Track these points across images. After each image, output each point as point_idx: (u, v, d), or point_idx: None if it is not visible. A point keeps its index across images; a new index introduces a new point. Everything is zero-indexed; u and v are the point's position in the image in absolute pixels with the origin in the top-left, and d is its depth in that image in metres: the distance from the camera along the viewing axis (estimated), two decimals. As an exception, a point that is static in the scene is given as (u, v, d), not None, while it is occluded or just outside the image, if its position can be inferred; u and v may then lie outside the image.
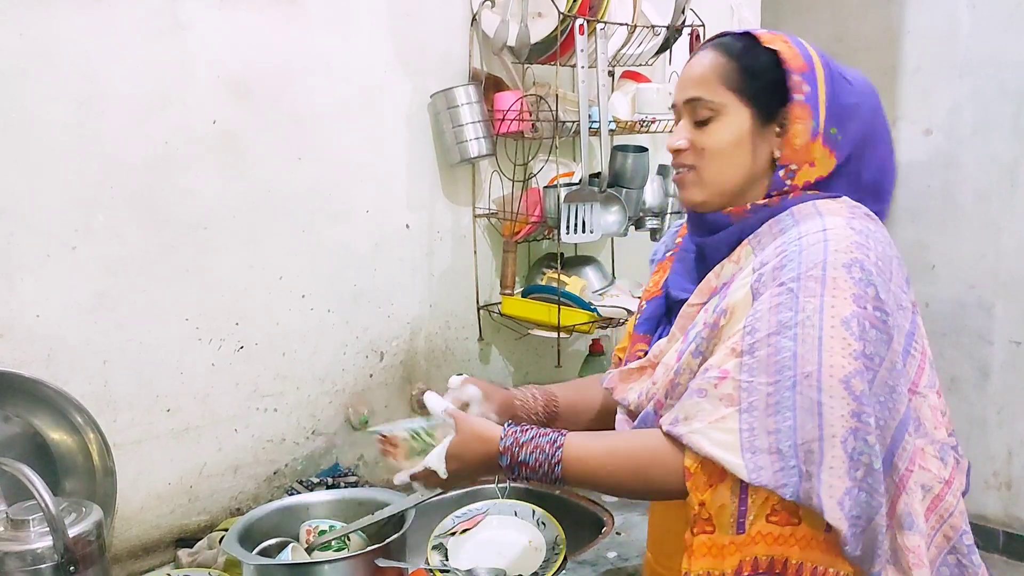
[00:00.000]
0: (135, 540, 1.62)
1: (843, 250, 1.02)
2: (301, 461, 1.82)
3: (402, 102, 1.89)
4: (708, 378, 1.05)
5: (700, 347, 1.10)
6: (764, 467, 0.99)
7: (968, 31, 2.93)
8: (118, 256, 1.55)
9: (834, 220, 1.05)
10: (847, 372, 0.99)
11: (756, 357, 1.02)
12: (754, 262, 1.08)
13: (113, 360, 1.56)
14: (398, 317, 1.94)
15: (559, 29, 1.80)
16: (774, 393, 1.00)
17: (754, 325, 1.03)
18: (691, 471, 1.03)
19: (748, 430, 1.00)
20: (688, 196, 1.18)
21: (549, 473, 1.11)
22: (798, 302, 1.01)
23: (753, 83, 1.11)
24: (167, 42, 1.57)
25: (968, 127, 2.95)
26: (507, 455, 1.13)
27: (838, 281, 1.01)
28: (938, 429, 1.10)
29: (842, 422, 0.98)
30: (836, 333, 0.99)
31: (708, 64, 1.13)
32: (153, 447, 1.63)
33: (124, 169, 1.55)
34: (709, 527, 1.03)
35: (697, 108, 1.13)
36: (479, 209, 2.02)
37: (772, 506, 1.01)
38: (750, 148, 1.12)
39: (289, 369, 1.79)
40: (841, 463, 0.98)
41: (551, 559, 1.43)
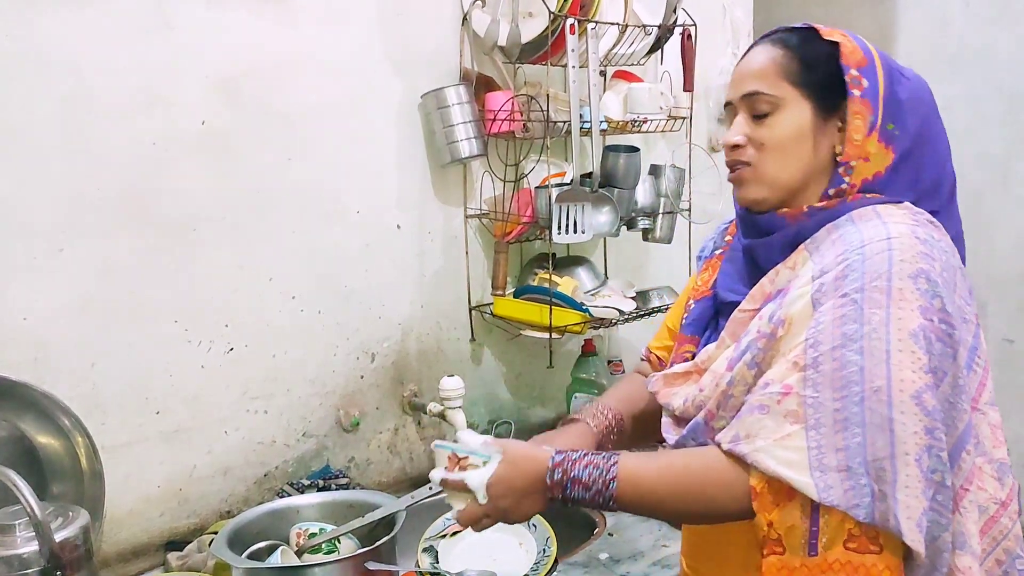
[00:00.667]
0: (124, 543, 1.62)
1: (909, 260, 0.98)
2: (292, 463, 1.82)
3: (392, 102, 1.88)
4: (770, 393, 1.01)
5: (756, 358, 1.05)
6: (834, 486, 0.95)
7: (960, 28, 2.92)
8: (106, 257, 1.54)
9: (898, 228, 1.01)
10: (918, 387, 0.95)
11: (821, 371, 0.98)
12: (812, 270, 1.04)
13: (101, 362, 1.56)
14: (389, 318, 1.93)
15: (550, 29, 1.79)
16: (841, 409, 0.96)
17: (817, 338, 0.99)
18: (757, 491, 0.99)
19: (816, 448, 0.97)
20: (745, 194, 1.13)
21: (603, 490, 1.04)
22: (863, 314, 0.97)
23: (813, 76, 1.08)
24: (155, 41, 1.56)
25: (960, 124, 2.92)
26: (559, 469, 1.06)
27: (904, 292, 0.97)
28: (997, 448, 1.06)
29: (915, 439, 0.95)
30: (904, 346, 0.96)
31: (766, 58, 1.10)
32: (142, 450, 1.62)
33: (112, 169, 1.54)
34: (779, 548, 0.99)
35: (756, 102, 1.09)
36: (470, 209, 2.01)
37: (848, 530, 0.96)
38: (811, 143, 1.09)
39: (279, 371, 1.78)
40: (917, 482, 0.94)
41: (541, 561, 1.43)
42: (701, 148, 2.23)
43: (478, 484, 1.09)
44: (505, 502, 1.08)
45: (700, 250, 1.35)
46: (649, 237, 2.13)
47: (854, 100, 1.06)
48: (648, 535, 1.69)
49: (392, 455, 1.97)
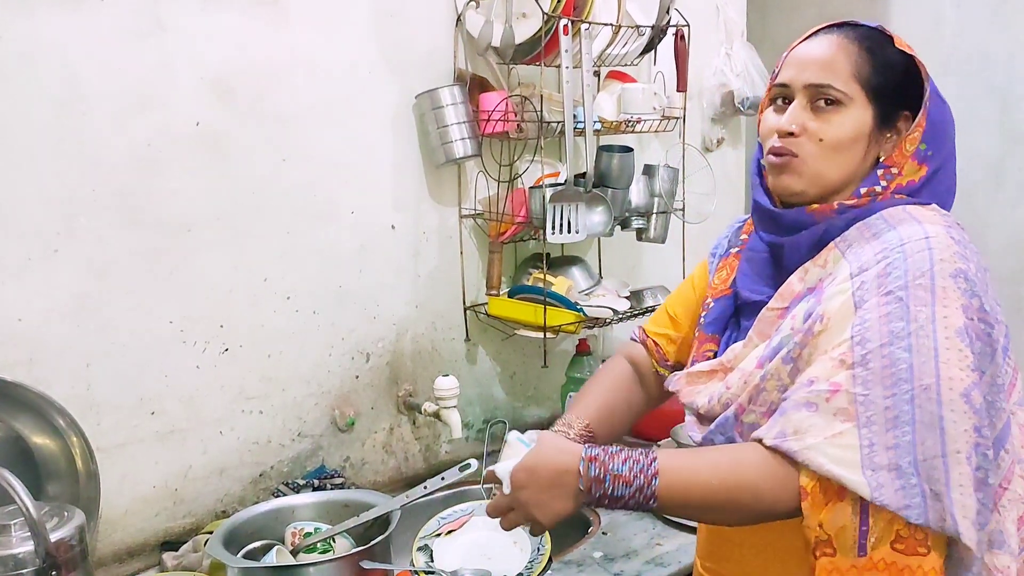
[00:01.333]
0: (119, 543, 1.62)
1: (948, 259, 0.98)
2: (287, 463, 1.82)
3: (387, 102, 1.89)
4: (817, 391, 0.99)
5: (791, 352, 1.04)
6: (885, 485, 0.94)
7: (953, 29, 2.93)
8: (101, 258, 1.55)
9: (934, 228, 1.01)
10: (966, 385, 0.95)
11: (870, 369, 0.97)
12: (850, 267, 1.03)
13: (96, 363, 1.56)
14: (384, 318, 1.94)
15: (543, 29, 1.80)
16: (892, 407, 0.96)
17: (864, 335, 0.98)
18: (808, 490, 0.97)
19: (868, 446, 0.95)
20: (787, 184, 1.10)
21: (645, 487, 1.00)
22: (909, 312, 0.97)
23: (884, 83, 1.07)
24: (148, 44, 1.57)
25: (954, 124, 2.96)
26: (595, 464, 1.02)
27: (947, 291, 0.97)
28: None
29: (965, 437, 0.94)
30: (951, 344, 0.96)
31: (840, 51, 1.07)
32: (137, 450, 1.62)
33: (106, 171, 1.54)
34: (829, 549, 0.98)
35: (821, 93, 1.07)
36: (465, 210, 2.02)
37: (897, 531, 0.96)
38: (864, 148, 1.08)
39: (274, 371, 1.78)
40: (969, 481, 0.94)
41: (536, 559, 1.43)
42: (695, 148, 2.23)
43: (504, 472, 1.08)
44: (526, 493, 1.05)
45: (714, 247, 1.33)
46: (643, 237, 2.14)
47: (924, 115, 1.07)
48: (642, 534, 1.70)
49: (387, 455, 1.98)
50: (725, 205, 2.38)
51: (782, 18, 3.14)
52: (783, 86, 1.12)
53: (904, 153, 1.07)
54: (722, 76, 2.46)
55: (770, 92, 1.16)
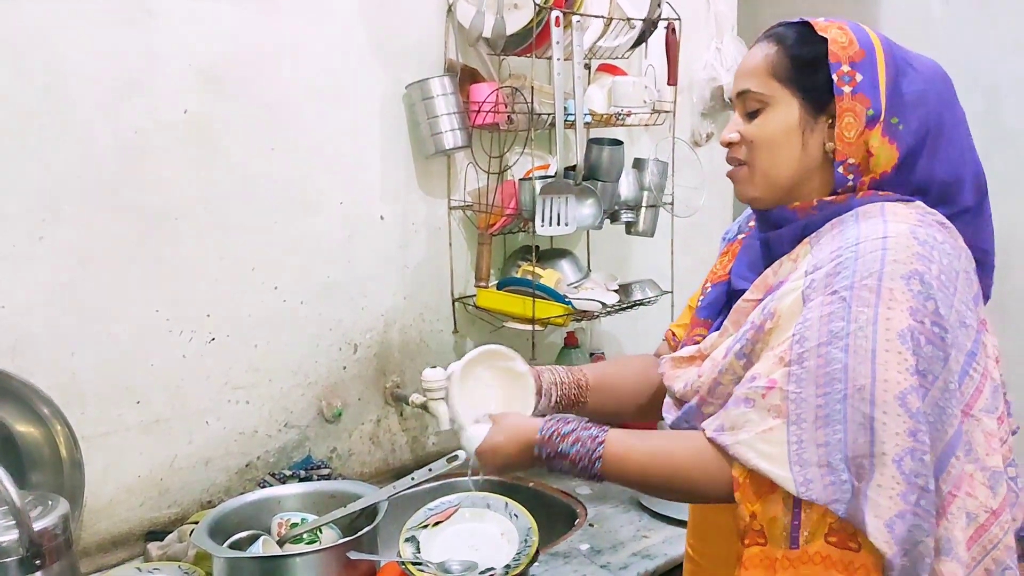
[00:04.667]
0: (104, 533, 1.61)
1: (902, 261, 0.98)
2: (273, 453, 1.81)
3: (376, 92, 1.88)
4: (755, 387, 1.02)
5: (744, 348, 1.07)
6: (814, 480, 0.96)
7: (940, 25, 2.94)
8: (86, 246, 1.53)
9: (897, 227, 1.01)
10: (903, 388, 0.95)
11: (805, 368, 0.98)
12: (807, 264, 1.04)
13: (81, 352, 1.54)
14: (372, 309, 1.93)
15: (535, 21, 1.79)
16: (824, 405, 0.97)
17: (804, 334, 0.99)
18: (739, 482, 1.01)
19: (796, 442, 0.97)
20: (741, 192, 1.16)
21: (589, 467, 1.11)
22: (850, 312, 0.97)
23: (802, 74, 1.08)
24: (135, 29, 1.55)
25: (941, 122, 2.97)
26: (546, 446, 1.13)
27: (895, 292, 0.97)
28: (991, 456, 1.04)
29: (896, 440, 0.94)
30: (891, 347, 0.95)
31: (760, 56, 1.12)
32: (122, 439, 1.61)
33: (92, 158, 1.52)
34: (761, 539, 1.00)
35: (747, 100, 1.12)
36: (454, 201, 2.01)
37: (830, 524, 0.97)
38: (799, 140, 1.09)
39: (261, 361, 1.77)
40: (894, 483, 0.94)
41: (523, 551, 1.43)
42: (684, 142, 2.23)
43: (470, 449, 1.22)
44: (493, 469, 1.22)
45: (725, 232, 1.35)
46: (632, 230, 2.14)
47: (843, 98, 1.05)
48: (629, 526, 1.70)
49: (374, 446, 1.97)
50: (714, 199, 2.38)
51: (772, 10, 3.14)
52: (731, 101, 1.20)
53: (845, 140, 1.06)
54: (712, 70, 2.46)
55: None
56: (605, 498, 1.81)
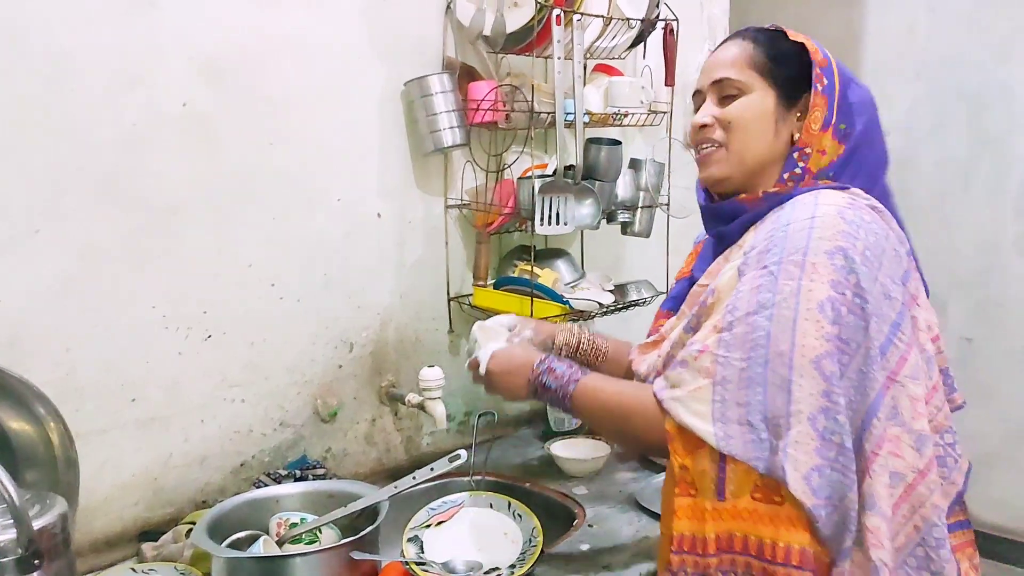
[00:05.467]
0: (98, 533, 1.58)
1: (827, 238, 1.08)
2: (268, 452, 1.79)
3: (375, 88, 1.86)
4: (691, 351, 1.13)
5: (691, 323, 1.19)
6: (734, 436, 1.06)
7: (926, 33, 2.99)
8: (84, 240, 1.50)
9: (826, 209, 1.11)
10: (818, 353, 1.04)
11: (733, 333, 1.09)
12: (746, 246, 1.15)
13: (77, 347, 1.51)
14: (368, 307, 1.91)
15: (536, 19, 1.79)
16: (747, 368, 1.07)
17: (735, 304, 1.10)
18: (672, 434, 1.12)
19: (720, 401, 1.08)
20: (712, 172, 1.25)
21: (565, 385, 1.25)
22: (777, 284, 1.07)
23: (779, 68, 1.20)
24: (136, 20, 1.52)
25: (925, 127, 3.01)
26: (545, 361, 1.30)
27: (817, 267, 1.06)
28: (916, 419, 1.12)
29: (810, 400, 1.04)
30: (811, 316, 1.05)
31: (737, 50, 1.23)
32: (118, 437, 1.58)
33: (91, 150, 1.49)
34: (692, 490, 1.10)
35: (724, 87, 1.22)
36: (450, 199, 2.00)
37: (754, 482, 1.07)
38: (773, 126, 1.21)
39: (258, 359, 1.75)
40: (809, 439, 1.04)
41: (528, 551, 1.43)
42: (680, 143, 2.24)
43: (484, 356, 1.37)
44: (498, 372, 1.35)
45: (698, 236, 1.46)
46: (628, 231, 2.14)
47: (816, 94, 1.17)
48: (628, 526, 1.70)
49: (369, 446, 1.95)
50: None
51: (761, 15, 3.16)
52: (698, 93, 1.29)
53: (811, 131, 1.17)
54: (705, 72, 2.46)
55: (693, 104, 1.32)
56: (603, 498, 1.81)
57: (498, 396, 1.41)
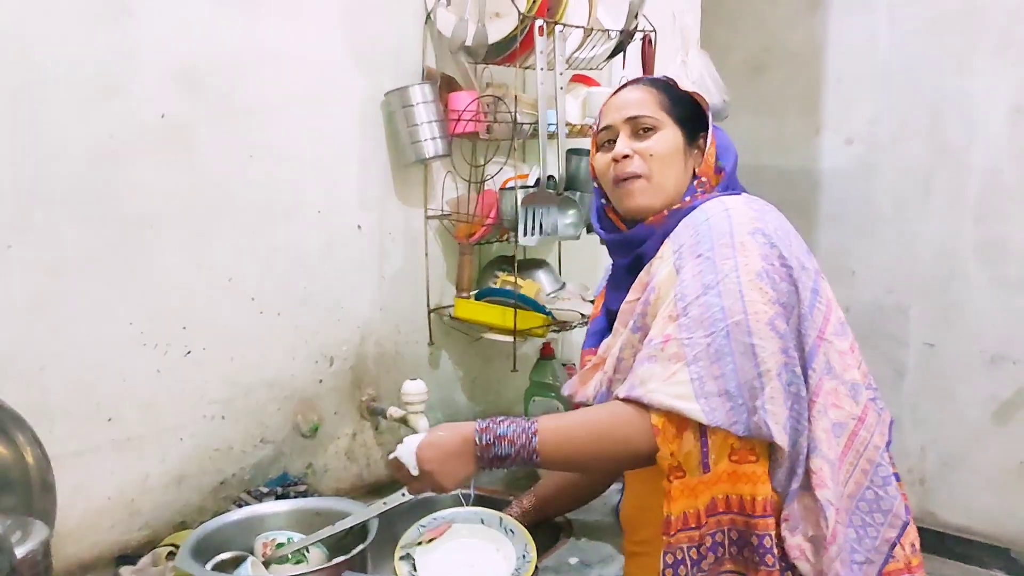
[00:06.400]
0: (72, 558, 1.52)
1: (745, 222, 1.21)
2: (248, 470, 1.75)
3: (355, 99, 1.84)
4: (655, 345, 1.19)
5: (637, 323, 1.26)
6: (717, 408, 1.13)
7: (887, 43, 3.04)
8: (57, 255, 1.45)
9: (734, 202, 1.26)
10: (769, 315, 1.16)
11: (690, 316, 1.17)
12: (673, 247, 1.25)
13: (51, 366, 1.46)
14: (348, 321, 1.88)
15: (519, 29, 1.78)
16: (712, 343, 1.15)
17: (683, 292, 1.19)
18: (659, 427, 1.15)
19: (697, 379, 1.14)
20: (638, 202, 1.34)
21: (527, 444, 1.20)
22: (715, 265, 1.18)
23: (682, 111, 1.36)
24: (112, 28, 1.48)
25: (887, 136, 3.07)
26: (486, 433, 1.22)
27: (746, 244, 1.19)
28: (847, 371, 1.23)
29: (774, 358, 1.15)
30: (753, 285, 1.16)
31: (644, 93, 1.38)
32: (93, 459, 1.53)
33: (64, 162, 1.45)
34: (680, 472, 1.16)
35: (639, 123, 1.34)
36: (431, 210, 1.98)
37: (731, 445, 1.15)
38: (683, 160, 1.35)
39: (237, 375, 1.71)
40: (779, 393, 1.14)
41: (522, 567, 1.41)
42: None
43: (408, 455, 1.24)
44: (433, 465, 1.23)
45: (595, 292, 1.61)
46: (606, 241, 2.13)
47: (712, 134, 1.35)
48: (616, 539, 1.69)
49: (350, 461, 1.92)
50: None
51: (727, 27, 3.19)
52: (608, 128, 1.38)
53: (708, 165, 1.34)
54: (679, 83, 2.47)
55: (596, 139, 1.43)
56: (589, 511, 1.79)
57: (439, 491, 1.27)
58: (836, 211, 3.20)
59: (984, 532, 2.96)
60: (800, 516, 1.18)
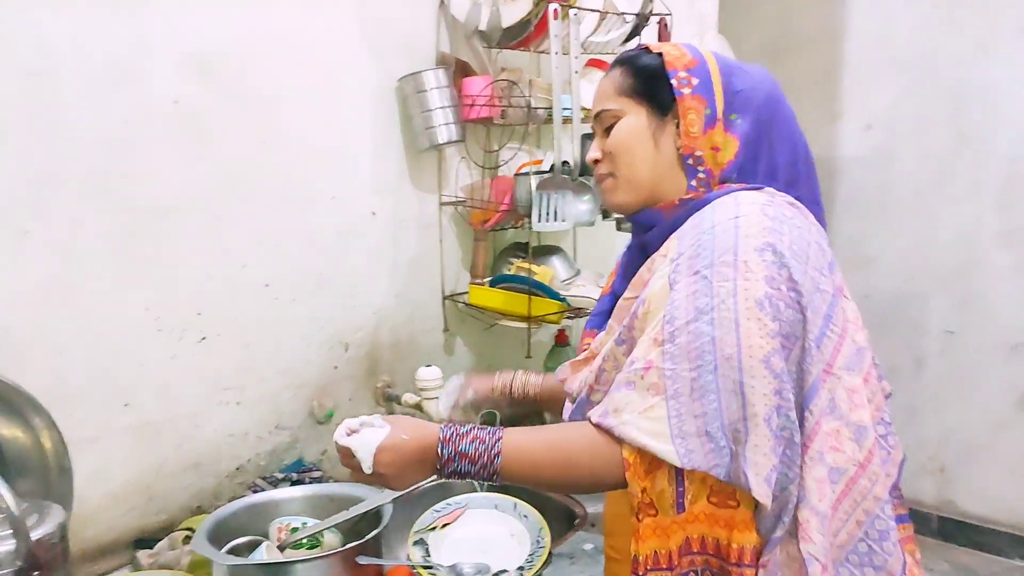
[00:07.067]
0: (91, 542, 1.54)
1: (754, 235, 1.06)
2: (264, 456, 1.75)
3: (368, 85, 1.84)
4: (635, 370, 1.08)
5: (622, 335, 1.14)
6: (695, 450, 1.02)
7: (907, 29, 3.00)
8: (73, 241, 1.46)
9: (748, 208, 1.09)
10: (766, 352, 1.03)
11: (677, 344, 1.05)
12: (674, 253, 1.12)
13: (68, 352, 1.47)
14: (363, 307, 1.89)
15: (533, 13, 1.77)
16: (697, 378, 1.03)
17: (672, 314, 1.06)
18: (630, 462, 1.05)
19: (676, 416, 1.04)
20: (609, 200, 1.24)
21: (488, 464, 1.10)
22: (712, 287, 1.05)
23: (642, 84, 1.19)
24: (126, 16, 1.48)
25: (906, 123, 3.03)
26: (448, 445, 1.11)
27: (750, 264, 1.04)
28: (855, 410, 1.10)
29: (764, 401, 1.02)
30: (751, 314, 1.03)
31: (609, 81, 1.23)
32: (110, 444, 1.54)
33: (80, 149, 1.45)
34: (652, 511, 1.06)
35: (603, 119, 1.22)
36: (445, 197, 1.98)
37: (710, 486, 1.05)
38: (651, 141, 1.18)
39: (252, 361, 1.71)
40: (766, 441, 1.02)
41: (536, 552, 1.40)
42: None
43: (366, 453, 1.12)
44: (391, 469, 1.12)
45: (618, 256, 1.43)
46: (622, 227, 2.13)
47: (684, 98, 1.15)
48: (631, 524, 1.69)
49: (364, 447, 1.92)
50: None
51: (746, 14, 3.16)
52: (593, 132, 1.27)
53: (691, 135, 1.15)
54: (694, 68, 2.46)
55: None
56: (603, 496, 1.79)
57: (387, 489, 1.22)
58: (855, 198, 3.17)
59: (1005, 521, 2.94)
60: (782, 564, 1.08)
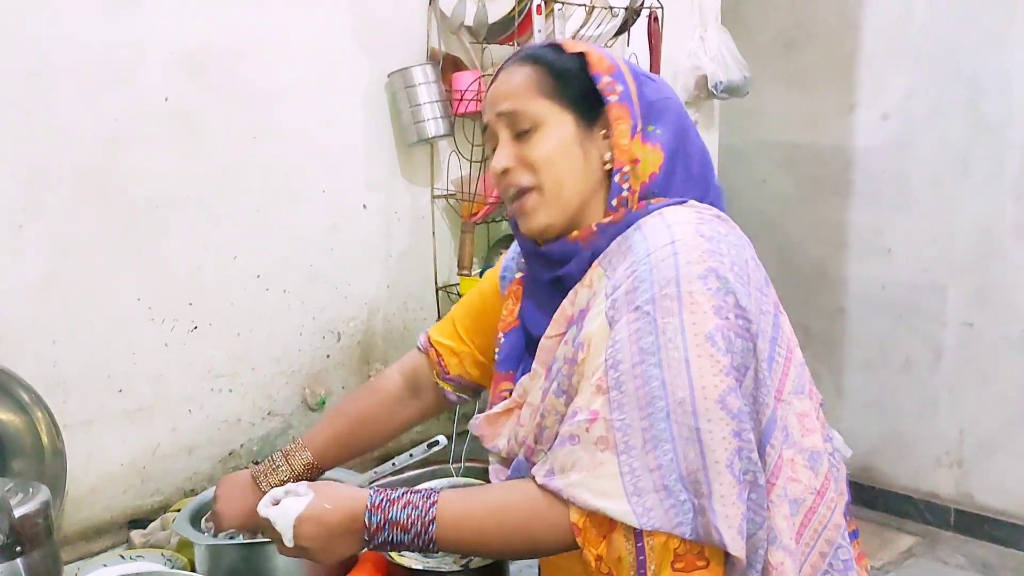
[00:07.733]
0: (86, 522, 1.60)
1: (695, 261, 0.96)
2: (256, 442, 1.81)
3: (359, 80, 1.88)
4: (578, 422, 0.97)
5: (562, 385, 1.03)
6: (653, 508, 0.92)
7: (923, 17, 2.96)
8: (68, 235, 1.53)
9: (682, 229, 0.99)
10: (721, 391, 0.93)
11: (624, 391, 0.94)
12: (607, 286, 1.01)
13: (63, 340, 1.54)
14: (355, 298, 1.93)
15: (516, 9, 1.79)
16: (649, 428, 0.93)
17: (616, 357, 0.96)
18: (579, 526, 0.95)
19: (629, 472, 0.93)
20: (534, 222, 1.08)
21: (423, 532, 0.99)
22: (656, 325, 0.94)
23: (569, 88, 1.07)
24: (118, 15, 1.54)
25: (923, 112, 2.99)
26: (378, 512, 1.01)
27: (695, 295, 0.95)
28: (807, 436, 1.03)
29: (724, 445, 0.92)
30: (702, 351, 0.94)
31: (520, 76, 1.08)
32: (105, 428, 1.61)
33: (74, 146, 1.52)
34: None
35: (515, 121, 1.07)
36: (437, 190, 2.01)
37: (674, 550, 0.93)
38: (581, 154, 1.06)
39: (244, 350, 1.77)
40: (732, 488, 0.92)
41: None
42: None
43: (285, 524, 1.02)
44: (314, 543, 1.02)
45: (503, 269, 1.30)
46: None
47: (612, 106, 1.05)
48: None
49: (358, 434, 1.97)
50: (697, 189, 2.39)
51: (756, 4, 3.15)
52: (486, 127, 1.12)
53: (622, 146, 1.05)
54: (696, 60, 2.46)
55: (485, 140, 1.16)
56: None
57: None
58: (871, 188, 3.14)
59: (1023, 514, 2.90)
60: None
